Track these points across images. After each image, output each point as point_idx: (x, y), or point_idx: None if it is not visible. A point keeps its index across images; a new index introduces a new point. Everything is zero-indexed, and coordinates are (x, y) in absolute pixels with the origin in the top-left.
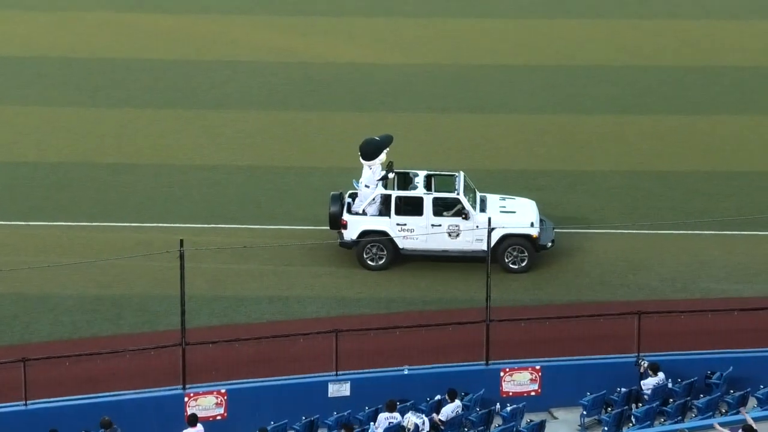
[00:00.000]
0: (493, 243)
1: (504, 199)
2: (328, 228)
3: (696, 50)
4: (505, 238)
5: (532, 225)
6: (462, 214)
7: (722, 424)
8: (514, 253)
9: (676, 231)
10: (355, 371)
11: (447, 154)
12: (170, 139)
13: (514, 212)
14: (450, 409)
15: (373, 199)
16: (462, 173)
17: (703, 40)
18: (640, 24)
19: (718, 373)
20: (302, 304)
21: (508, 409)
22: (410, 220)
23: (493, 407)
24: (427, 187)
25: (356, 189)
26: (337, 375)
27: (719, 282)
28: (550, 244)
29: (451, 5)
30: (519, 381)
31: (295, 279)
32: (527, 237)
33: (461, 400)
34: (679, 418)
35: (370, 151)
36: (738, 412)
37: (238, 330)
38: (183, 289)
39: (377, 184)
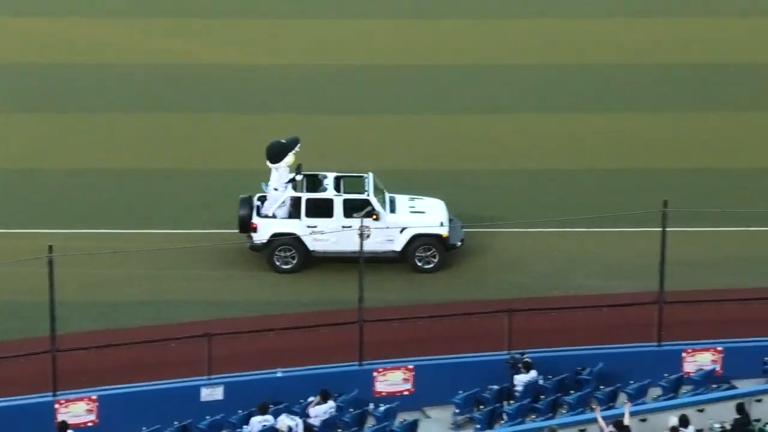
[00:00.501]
0: (403, 243)
1: (413, 199)
2: (237, 231)
3: (562, 48)
4: (415, 238)
5: (441, 224)
6: (372, 215)
7: (604, 418)
8: (425, 253)
9: (551, 229)
10: (228, 375)
11: (322, 155)
12: (40, 143)
13: (423, 212)
14: (322, 410)
15: (283, 202)
16: (371, 174)
17: (569, 38)
18: (522, 24)
19: (588, 369)
20: (175, 308)
21: (382, 409)
22: (321, 222)
23: (366, 407)
24: (336, 188)
25: (265, 192)
26: (209, 379)
27: (591, 278)
28: (459, 243)
29: (324, 6)
30: (392, 381)
31: (168, 283)
32: (437, 237)
33: (335, 401)
34: (550, 414)
35: (275, 154)
36: (611, 407)
37: (110, 335)
38: (52, 296)
39: (286, 187)
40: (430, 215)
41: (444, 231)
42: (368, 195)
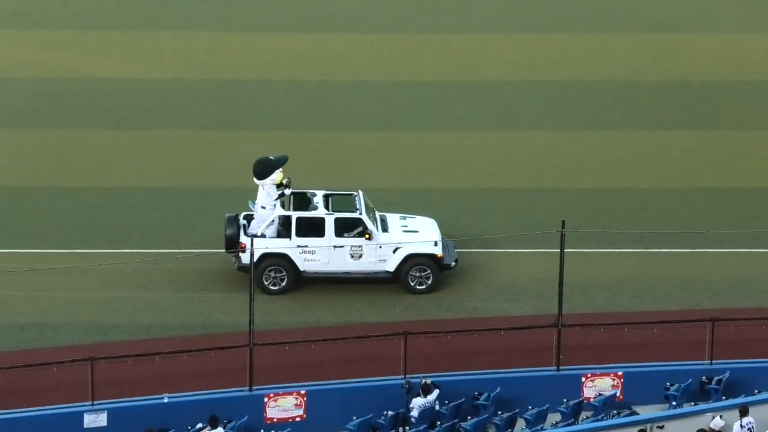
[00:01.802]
0: (396, 264)
1: (404, 218)
2: (224, 251)
3: (458, 65)
4: (409, 258)
5: (435, 244)
6: (365, 234)
7: None
8: (418, 274)
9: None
10: (113, 400)
11: (209, 172)
12: None
13: (416, 231)
14: None
15: (272, 221)
16: (361, 192)
17: (465, 55)
18: (400, 38)
19: (485, 394)
20: (57, 331)
21: None
22: (311, 242)
23: None
24: (326, 207)
25: (252, 210)
26: (93, 405)
27: (486, 300)
28: (453, 263)
29: (209, 18)
30: (284, 406)
31: (49, 305)
32: (431, 257)
33: (224, 428)
34: None
35: (260, 171)
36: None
37: None
38: None
39: (275, 205)
40: (423, 234)
41: (438, 251)
42: (360, 213)
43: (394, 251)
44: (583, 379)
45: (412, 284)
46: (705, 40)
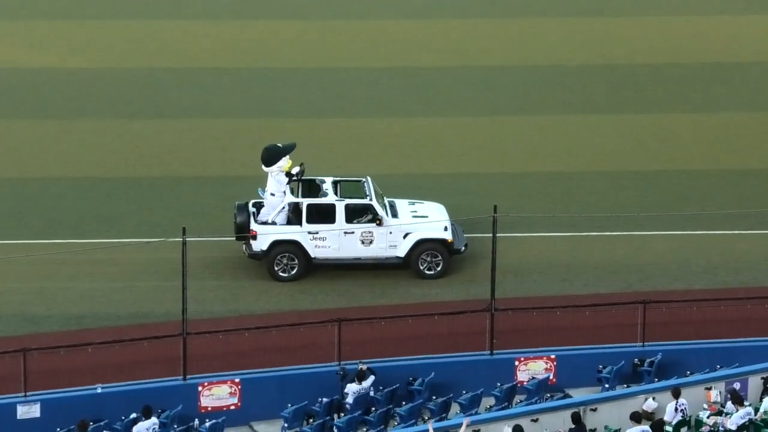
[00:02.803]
0: (407, 249)
1: (413, 203)
2: (234, 239)
3: (388, 51)
4: (419, 243)
5: (446, 229)
6: (376, 220)
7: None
8: (429, 259)
9: None
10: (46, 391)
11: (139, 160)
12: None
13: (426, 216)
14: (144, 427)
15: (282, 208)
16: (369, 178)
17: (394, 41)
18: (330, 25)
19: (420, 380)
20: None
21: (207, 424)
22: (322, 228)
23: (191, 423)
24: (334, 193)
25: (262, 197)
26: (26, 396)
27: (419, 286)
28: (463, 248)
29: (136, 6)
30: (218, 395)
31: None
32: (442, 242)
33: (158, 417)
34: (382, 427)
35: (267, 158)
36: (443, 418)
37: None
38: None
39: (284, 192)
40: (433, 219)
41: (449, 236)
42: (370, 199)
43: (405, 236)
44: (517, 363)
45: (422, 269)
46: (631, 24)
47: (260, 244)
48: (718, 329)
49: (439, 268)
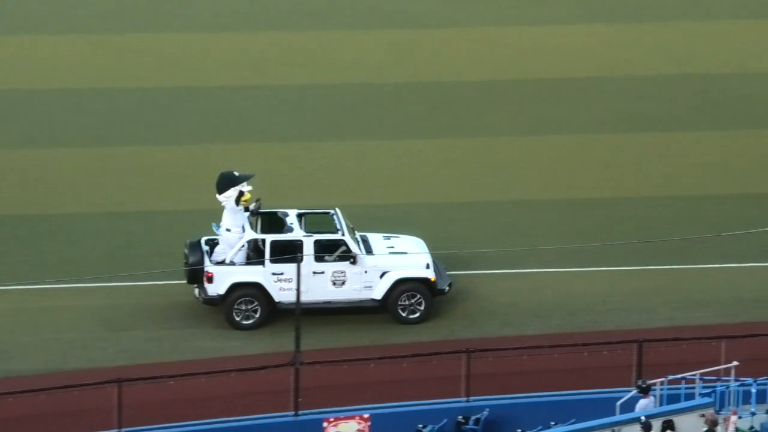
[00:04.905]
0: (384, 290)
1: (388, 237)
2: (185, 282)
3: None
4: (398, 283)
5: (427, 267)
6: (349, 257)
7: None
8: (408, 302)
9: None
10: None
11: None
12: None
13: (404, 253)
14: None
15: (242, 246)
16: (338, 210)
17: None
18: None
19: None
20: None
21: None
22: (288, 269)
23: None
24: (300, 227)
25: (216, 233)
26: None
27: (215, 339)
28: (447, 288)
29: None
30: None
31: None
32: (424, 281)
33: None
34: None
35: (218, 183)
36: None
37: None
38: None
39: (243, 228)
40: (412, 256)
41: (431, 274)
42: (342, 234)
43: (381, 276)
44: (325, 423)
45: (402, 314)
46: (458, 35)
47: (217, 288)
48: (553, 380)
49: (421, 311)
